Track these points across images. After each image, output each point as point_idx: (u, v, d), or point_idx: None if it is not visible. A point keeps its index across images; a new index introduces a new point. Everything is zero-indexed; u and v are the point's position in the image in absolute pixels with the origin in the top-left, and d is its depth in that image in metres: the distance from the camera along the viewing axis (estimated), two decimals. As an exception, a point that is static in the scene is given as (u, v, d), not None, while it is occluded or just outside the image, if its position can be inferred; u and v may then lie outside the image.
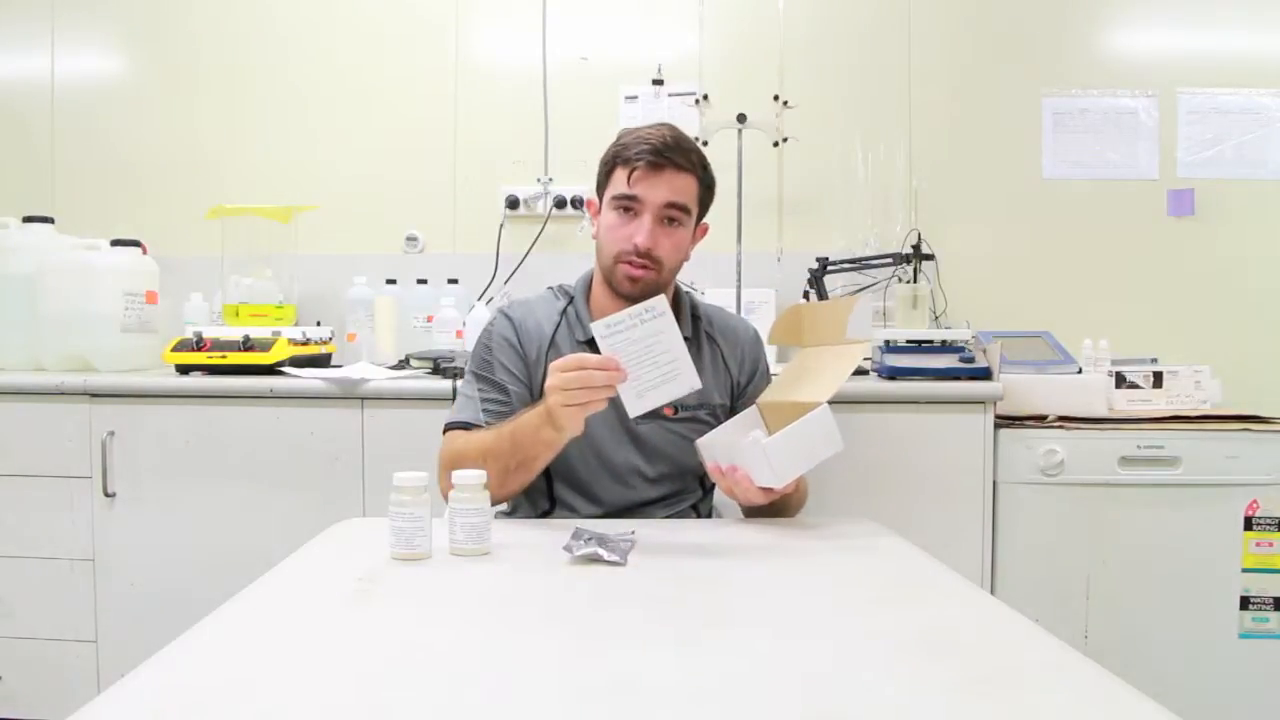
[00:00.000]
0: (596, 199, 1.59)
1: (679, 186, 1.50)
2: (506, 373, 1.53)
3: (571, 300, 1.61)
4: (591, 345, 1.54)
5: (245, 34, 2.76)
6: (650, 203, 1.49)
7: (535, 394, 1.53)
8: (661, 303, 1.29)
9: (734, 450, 1.39)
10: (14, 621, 2.12)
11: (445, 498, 1.37)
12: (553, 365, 1.31)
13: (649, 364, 1.29)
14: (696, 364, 1.59)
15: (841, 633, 0.94)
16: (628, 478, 1.53)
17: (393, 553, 1.15)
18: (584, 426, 1.33)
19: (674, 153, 1.49)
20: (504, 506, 1.63)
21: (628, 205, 1.50)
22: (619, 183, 1.51)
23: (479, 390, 1.54)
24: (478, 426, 1.49)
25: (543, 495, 1.55)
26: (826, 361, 1.50)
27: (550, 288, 1.66)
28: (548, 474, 1.53)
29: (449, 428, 1.53)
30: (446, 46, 2.73)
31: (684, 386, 1.30)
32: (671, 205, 1.50)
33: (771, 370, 1.73)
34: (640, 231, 1.49)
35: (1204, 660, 2.03)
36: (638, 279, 1.50)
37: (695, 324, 1.63)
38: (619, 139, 1.54)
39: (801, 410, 1.35)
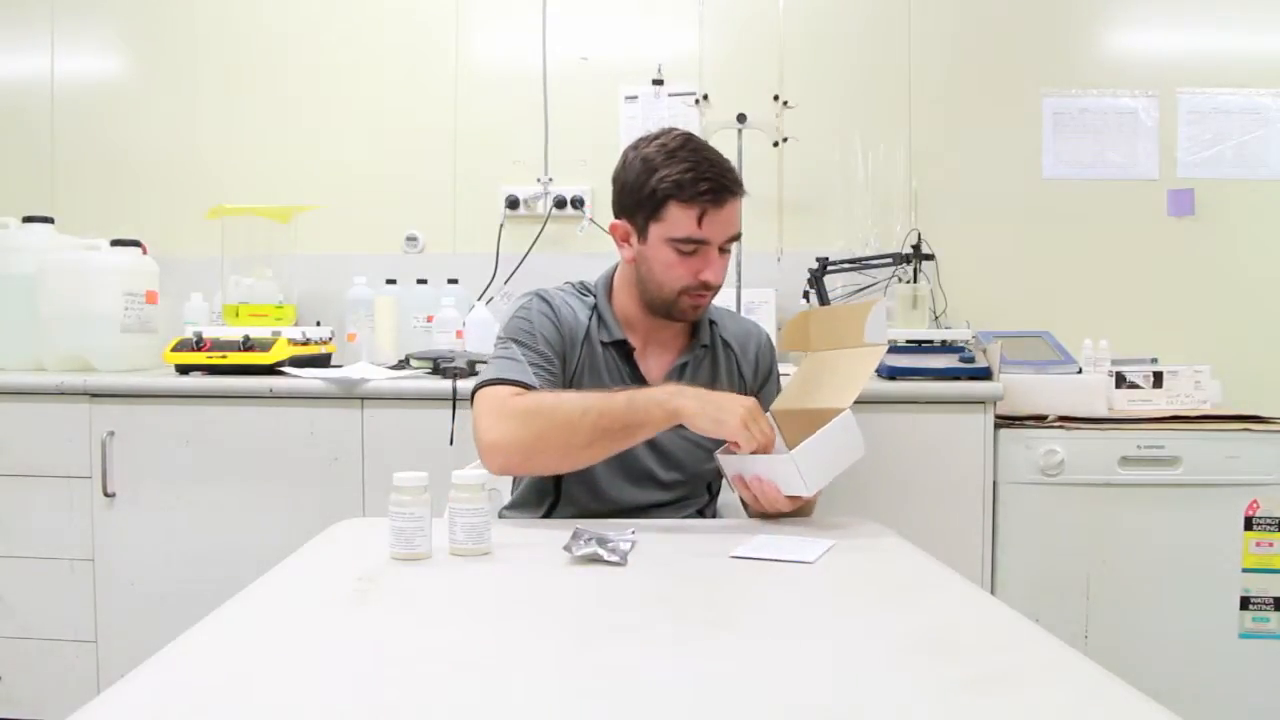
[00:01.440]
0: (626, 225, 1.52)
1: (737, 215, 1.49)
2: (547, 345, 1.50)
3: (596, 300, 1.59)
4: (618, 347, 1.55)
5: (245, 34, 2.76)
6: (717, 241, 1.47)
7: (565, 379, 1.52)
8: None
9: (758, 460, 1.39)
10: (14, 621, 2.12)
11: (495, 448, 1.38)
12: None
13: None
14: (712, 372, 1.60)
15: (841, 633, 0.94)
16: (642, 481, 1.53)
17: (393, 553, 1.14)
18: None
19: (732, 183, 1.46)
20: (507, 501, 1.63)
21: (693, 246, 1.46)
22: (681, 223, 1.45)
23: (524, 354, 1.48)
24: (528, 386, 1.44)
25: (549, 491, 1.55)
26: (843, 366, 1.48)
27: (570, 283, 1.63)
28: None
29: (489, 384, 1.45)
30: (446, 46, 2.73)
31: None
32: (733, 238, 1.50)
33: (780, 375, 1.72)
34: (710, 269, 1.47)
35: (1204, 660, 2.03)
36: (700, 306, 1.52)
37: (711, 329, 1.62)
38: (657, 166, 1.45)
39: (822, 417, 1.35)
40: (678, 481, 1.55)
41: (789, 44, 2.67)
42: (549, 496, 1.55)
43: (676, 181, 1.43)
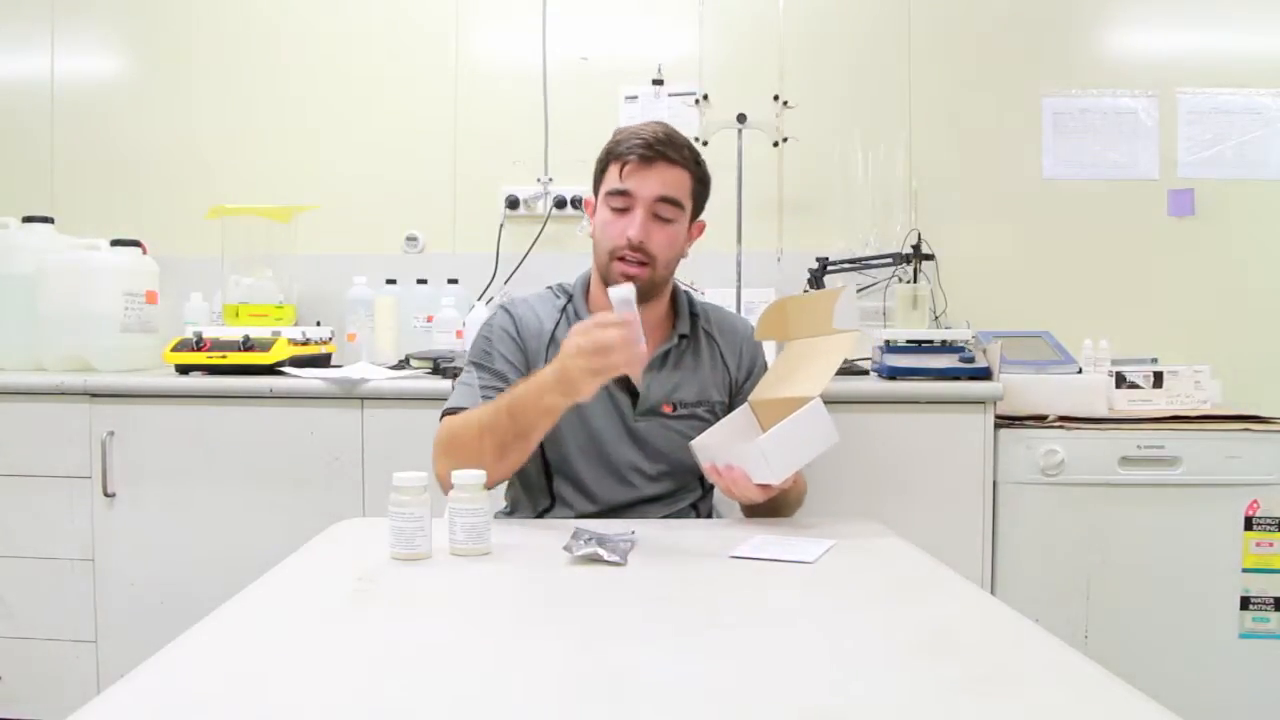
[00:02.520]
0: (594, 198, 1.59)
1: (671, 180, 1.51)
2: (506, 363, 1.53)
3: (570, 299, 1.61)
4: None
5: (245, 34, 2.76)
6: (642, 196, 1.49)
7: None
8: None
9: (729, 449, 1.39)
10: (14, 621, 2.12)
11: (441, 482, 1.38)
12: (574, 328, 1.32)
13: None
14: (694, 361, 1.60)
15: (841, 632, 0.94)
16: (628, 476, 1.53)
17: (393, 553, 1.15)
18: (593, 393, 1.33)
19: (665, 146, 1.49)
20: (504, 506, 1.63)
21: (621, 201, 1.50)
22: (611, 178, 1.52)
23: (479, 378, 1.53)
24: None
25: (543, 493, 1.55)
26: (815, 354, 1.49)
27: (549, 287, 1.66)
28: (547, 471, 1.53)
29: (446, 414, 1.51)
30: (446, 46, 2.73)
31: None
32: (663, 199, 1.50)
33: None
34: (632, 225, 1.49)
35: (1204, 660, 2.03)
36: (633, 276, 1.49)
37: (693, 321, 1.63)
38: (613, 137, 1.55)
39: (794, 405, 1.35)
40: (664, 473, 1.55)
41: (789, 44, 2.67)
42: (544, 501, 1.55)
43: (617, 142, 1.53)
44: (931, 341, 2.20)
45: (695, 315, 1.64)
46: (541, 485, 1.54)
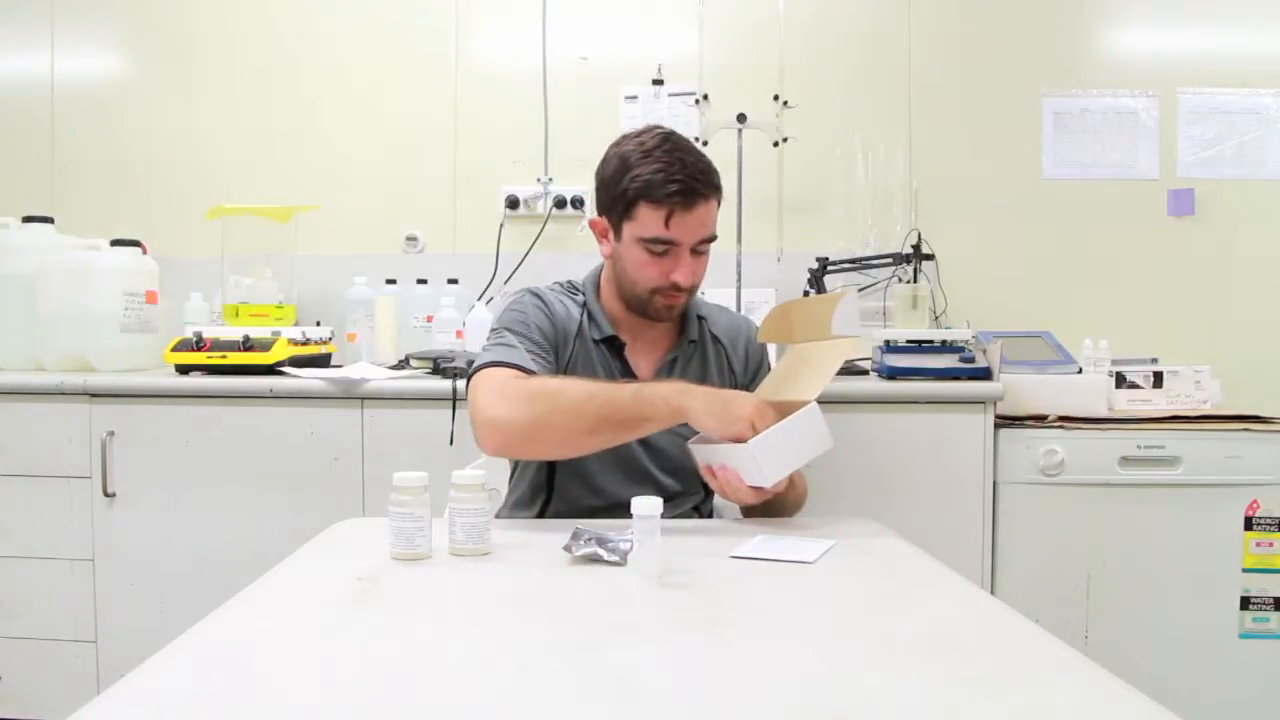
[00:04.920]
0: (604, 221, 1.53)
1: (709, 216, 1.48)
2: (541, 335, 1.50)
3: (585, 297, 1.59)
4: (609, 344, 1.55)
5: (245, 33, 2.76)
6: (686, 242, 1.47)
7: (559, 372, 1.51)
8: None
9: (724, 451, 1.39)
10: (14, 621, 2.12)
11: (488, 435, 1.39)
12: (756, 405, 1.32)
13: None
14: (701, 367, 1.60)
15: (841, 632, 0.94)
16: (638, 478, 1.52)
17: (393, 553, 1.15)
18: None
19: (703, 185, 1.45)
20: (502, 506, 1.63)
21: (662, 247, 1.46)
22: (650, 224, 1.45)
23: (520, 341, 1.47)
24: (523, 369, 1.43)
25: (541, 487, 1.55)
26: (813, 358, 1.49)
27: (558, 283, 1.63)
28: (551, 465, 1.53)
29: (487, 367, 1.44)
30: (447, 46, 2.74)
31: None
32: (705, 240, 1.49)
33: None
34: (679, 270, 1.47)
35: (1204, 660, 2.03)
36: (674, 306, 1.52)
37: (700, 324, 1.62)
38: (631, 165, 1.45)
39: (790, 409, 1.35)
40: (670, 476, 1.55)
41: (789, 44, 2.67)
42: (542, 493, 1.55)
43: (647, 181, 1.43)
44: (931, 341, 2.20)
45: (702, 318, 1.63)
46: (541, 479, 1.54)
